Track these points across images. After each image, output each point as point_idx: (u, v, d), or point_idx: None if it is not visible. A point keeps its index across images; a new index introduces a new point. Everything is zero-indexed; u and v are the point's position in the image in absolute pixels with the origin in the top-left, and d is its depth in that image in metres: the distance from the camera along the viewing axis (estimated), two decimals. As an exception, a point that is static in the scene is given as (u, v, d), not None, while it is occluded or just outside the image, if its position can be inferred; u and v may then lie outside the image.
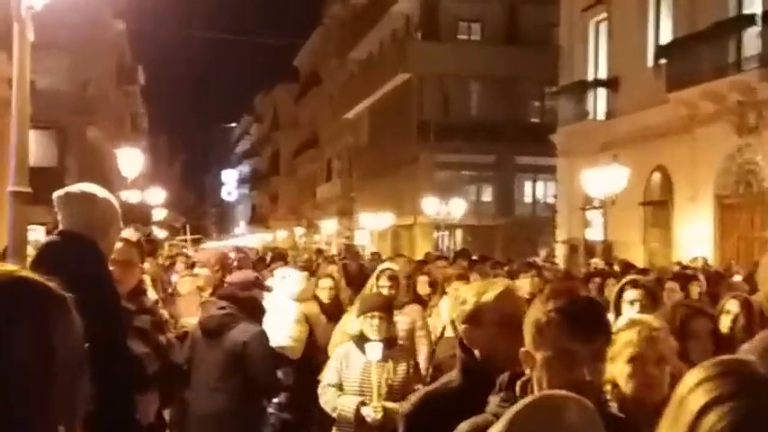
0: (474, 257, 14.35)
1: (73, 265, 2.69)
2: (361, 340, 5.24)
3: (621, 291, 4.90)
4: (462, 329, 2.82)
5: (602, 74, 24.22)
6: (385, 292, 6.55)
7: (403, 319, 6.59)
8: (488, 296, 2.80)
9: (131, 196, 26.15)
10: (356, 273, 10.95)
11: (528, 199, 36.32)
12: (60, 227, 3.48)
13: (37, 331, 1.29)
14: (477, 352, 2.75)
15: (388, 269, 6.94)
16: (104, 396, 1.67)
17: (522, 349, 2.24)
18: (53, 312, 1.33)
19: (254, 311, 5.50)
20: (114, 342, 3.15)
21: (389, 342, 5.25)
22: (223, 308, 5.44)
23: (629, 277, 5.48)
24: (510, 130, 33.63)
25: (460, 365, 2.78)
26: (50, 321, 1.32)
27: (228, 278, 6.31)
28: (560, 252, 24.13)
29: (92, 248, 3.30)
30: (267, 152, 74.37)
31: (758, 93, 16.98)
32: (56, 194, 3.50)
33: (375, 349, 5.15)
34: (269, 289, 6.52)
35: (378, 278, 6.77)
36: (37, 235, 12.13)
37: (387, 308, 5.36)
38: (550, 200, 32.05)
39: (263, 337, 5.39)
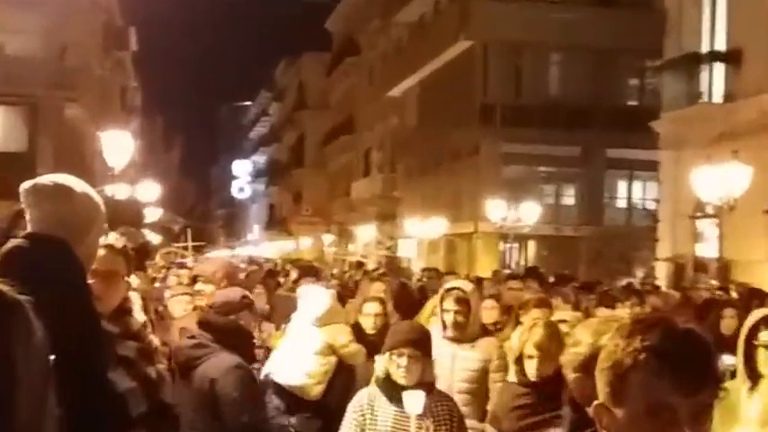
0: (551, 278, 14.29)
1: (43, 277, 2.71)
2: (389, 386, 5.18)
3: (754, 330, 4.72)
4: (573, 379, 2.80)
5: (720, 45, 23.97)
6: (450, 319, 6.51)
7: (474, 356, 6.55)
8: None
9: (118, 191, 26.45)
10: (401, 294, 10.94)
11: (621, 203, 36.19)
12: (28, 228, 3.52)
13: None
14: (590, 410, 2.72)
15: (456, 289, 6.79)
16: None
17: (596, 402, 2.12)
18: (10, 318, 1.39)
19: (238, 341, 5.45)
20: (91, 373, 3.17)
21: (427, 389, 5.17)
22: (193, 337, 5.45)
23: (763, 312, 5.09)
24: (599, 115, 33.58)
25: (569, 426, 2.76)
26: (7, 329, 1.38)
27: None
28: (662, 272, 23.92)
29: (66, 256, 3.33)
30: (290, 138, 74.81)
31: None
32: (22, 187, 3.53)
33: (416, 400, 5.04)
34: (257, 313, 6.49)
35: (442, 300, 6.70)
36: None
37: (421, 343, 5.25)
38: (650, 205, 31.80)
39: (235, 372, 5.30)
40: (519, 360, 5.18)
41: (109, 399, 3.45)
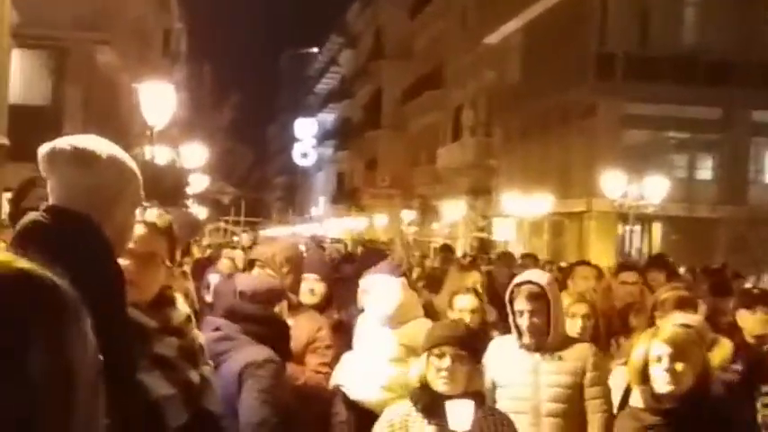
0: (680, 268, 14.10)
1: (64, 258, 2.69)
2: (427, 396, 4.98)
3: None
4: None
5: None
6: (525, 322, 6.25)
7: (563, 367, 6.29)
8: None
9: (159, 154, 26.75)
10: (503, 287, 10.90)
11: (770, 178, 36.00)
12: (49, 200, 3.54)
13: (51, 346, 1.42)
14: None
15: (528, 283, 6.49)
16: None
17: None
18: (67, 319, 1.47)
19: (271, 332, 5.44)
20: (118, 376, 3.16)
21: (476, 399, 4.97)
22: (218, 329, 5.44)
23: None
24: (745, 71, 33.32)
25: None
26: (65, 332, 1.46)
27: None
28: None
29: (92, 233, 3.34)
30: (364, 93, 75.13)
31: None
32: (41, 150, 3.55)
33: (463, 413, 4.85)
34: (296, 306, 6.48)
35: (512, 298, 6.41)
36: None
37: (467, 341, 5.10)
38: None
39: (264, 366, 5.24)
40: (644, 374, 4.81)
41: (140, 407, 3.45)
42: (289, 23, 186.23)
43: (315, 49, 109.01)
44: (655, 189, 30.38)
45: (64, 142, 3.53)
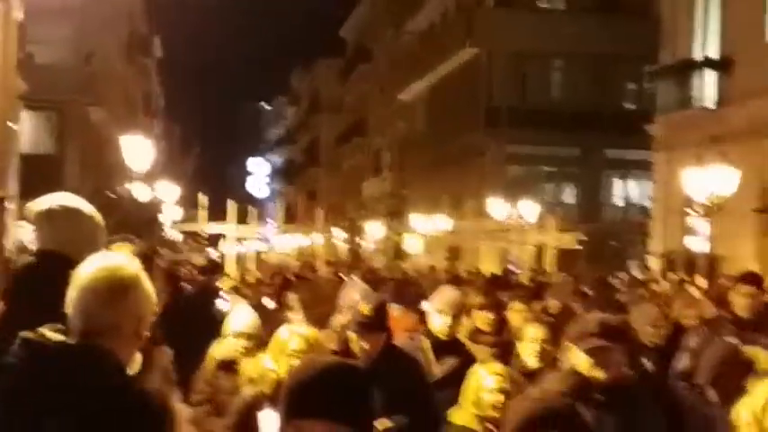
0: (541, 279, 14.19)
1: (53, 291, 2.89)
2: None
3: None
4: None
5: (713, 52, 24.07)
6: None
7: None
8: None
9: (139, 192, 26.63)
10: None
11: (618, 201, 36.35)
12: (37, 245, 3.73)
13: None
14: None
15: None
16: None
17: None
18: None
19: None
20: None
21: None
22: None
23: None
24: (597, 119, 33.59)
25: None
26: None
27: None
28: (654, 267, 24.04)
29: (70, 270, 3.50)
30: (305, 140, 75.05)
31: None
32: (36, 208, 3.75)
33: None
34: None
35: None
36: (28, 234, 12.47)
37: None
38: (646, 203, 31.86)
39: None
40: None
41: None
42: (245, 86, 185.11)
43: (265, 106, 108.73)
44: (529, 211, 30.44)
45: (54, 203, 3.75)
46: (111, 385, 2.37)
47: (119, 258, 2.88)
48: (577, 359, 4.36)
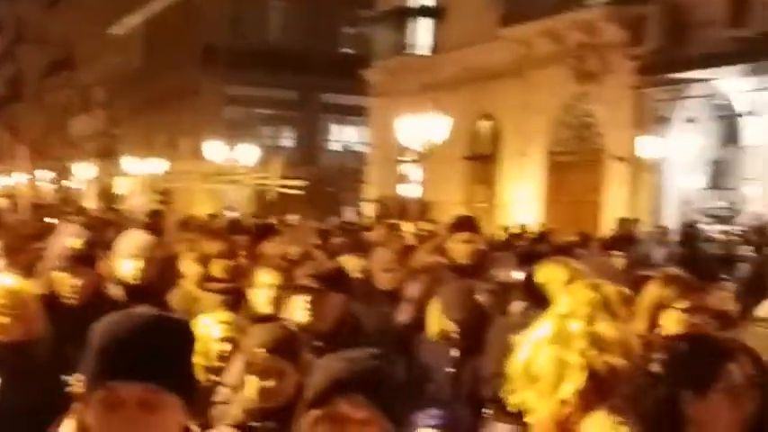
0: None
1: None
2: None
3: None
4: None
5: (428, 0, 24.75)
6: None
7: None
8: None
9: None
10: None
11: (336, 146, 36.85)
12: None
13: None
14: None
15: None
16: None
17: None
18: None
19: None
20: None
21: None
22: None
23: None
24: (315, 62, 33.44)
25: None
26: None
27: None
28: (369, 212, 24.64)
29: None
30: (7, 71, 70.98)
31: (602, 34, 17.95)
32: None
33: None
34: None
35: None
36: None
37: None
38: (361, 149, 32.54)
39: None
40: None
41: None
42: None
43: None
44: (247, 155, 30.30)
45: None
46: None
47: None
48: (294, 307, 4.43)
